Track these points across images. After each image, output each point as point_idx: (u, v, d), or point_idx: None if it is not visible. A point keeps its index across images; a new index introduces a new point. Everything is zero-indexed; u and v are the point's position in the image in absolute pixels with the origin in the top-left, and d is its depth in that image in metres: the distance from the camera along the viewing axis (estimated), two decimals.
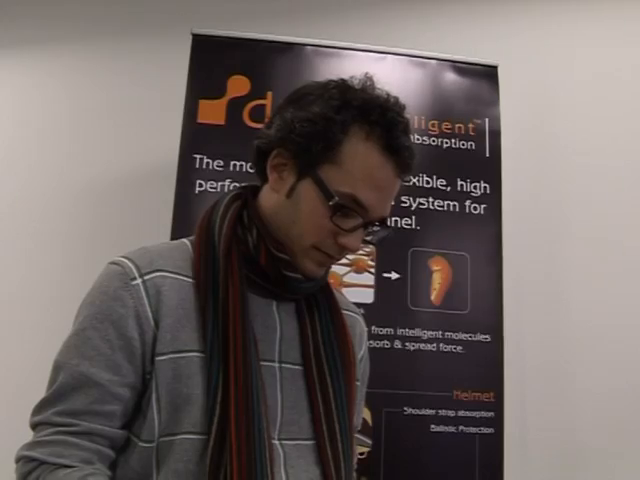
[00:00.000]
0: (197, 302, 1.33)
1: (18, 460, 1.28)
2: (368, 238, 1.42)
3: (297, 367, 1.42)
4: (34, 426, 1.30)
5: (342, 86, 1.38)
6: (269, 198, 1.42)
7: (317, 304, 1.49)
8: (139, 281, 1.32)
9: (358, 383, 1.54)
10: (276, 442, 1.34)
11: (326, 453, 1.37)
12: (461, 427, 2.62)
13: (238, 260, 1.36)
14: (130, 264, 1.34)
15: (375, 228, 1.41)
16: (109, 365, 1.28)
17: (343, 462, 1.39)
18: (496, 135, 2.90)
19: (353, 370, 1.48)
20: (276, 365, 1.39)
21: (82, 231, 3.14)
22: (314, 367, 1.42)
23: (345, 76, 1.40)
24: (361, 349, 1.60)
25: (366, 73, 1.40)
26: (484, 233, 2.80)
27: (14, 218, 3.18)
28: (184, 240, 1.46)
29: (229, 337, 1.29)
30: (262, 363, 1.35)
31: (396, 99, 1.38)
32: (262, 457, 1.25)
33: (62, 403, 1.28)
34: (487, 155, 2.87)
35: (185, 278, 1.36)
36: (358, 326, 1.61)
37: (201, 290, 1.34)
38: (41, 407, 1.30)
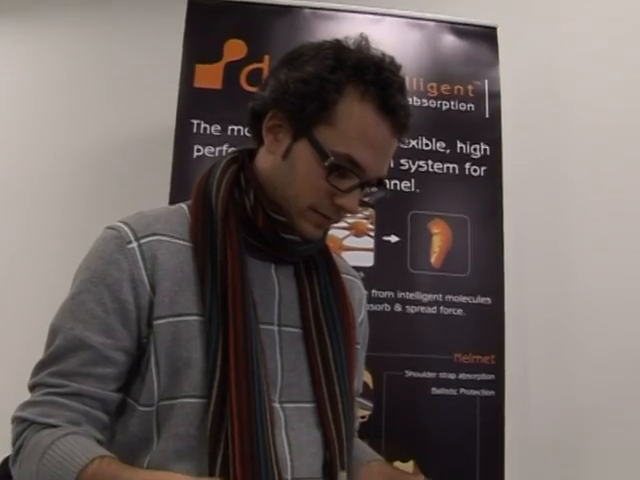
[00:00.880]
0: (195, 265, 1.33)
1: (13, 421, 1.29)
2: (366, 199, 1.41)
3: (296, 330, 1.41)
4: (31, 388, 1.31)
5: (336, 46, 1.36)
6: (265, 160, 1.41)
7: (316, 267, 1.48)
8: (135, 245, 1.31)
9: (358, 346, 1.54)
10: (277, 405, 1.34)
11: (327, 415, 1.37)
12: (462, 390, 2.62)
13: (236, 223, 1.36)
14: (126, 228, 1.33)
15: (372, 189, 1.41)
16: (102, 328, 1.29)
17: (344, 424, 1.39)
18: (496, 96, 2.87)
19: (353, 332, 1.48)
20: (275, 328, 1.39)
21: (81, 197, 3.13)
22: (313, 330, 1.42)
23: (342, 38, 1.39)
24: (361, 313, 1.60)
25: (361, 33, 1.38)
26: (484, 195, 2.79)
27: (13, 186, 3.17)
28: (181, 204, 1.45)
29: (228, 300, 1.29)
30: (261, 326, 1.34)
31: (391, 58, 1.36)
32: (263, 420, 1.26)
33: (56, 365, 1.28)
34: (487, 116, 2.85)
35: (183, 242, 1.35)
36: (357, 290, 1.61)
37: (199, 253, 1.33)
38: (37, 369, 1.31)
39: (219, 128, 2.68)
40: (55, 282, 1.57)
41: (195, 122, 2.68)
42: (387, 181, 1.42)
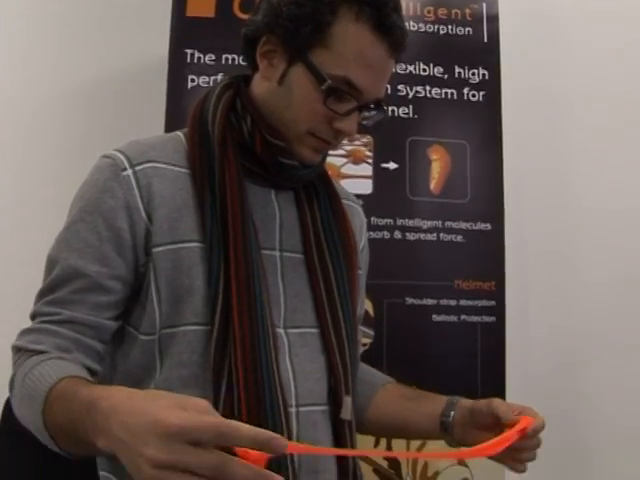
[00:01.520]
0: (194, 192, 1.33)
1: (12, 350, 1.30)
2: (364, 122, 1.39)
3: (298, 255, 1.42)
4: (31, 318, 1.32)
5: None
6: (261, 86, 1.40)
7: (316, 192, 1.48)
8: (130, 172, 1.31)
9: (360, 272, 1.55)
10: (281, 330, 1.34)
11: (331, 341, 1.38)
12: (462, 316, 2.62)
13: (234, 148, 1.35)
14: (121, 156, 1.33)
15: (371, 112, 1.39)
16: (97, 257, 1.28)
17: (348, 349, 1.39)
18: (494, 20, 2.81)
19: (354, 257, 1.48)
20: (277, 254, 1.39)
21: (75, 130, 3.09)
22: (315, 255, 1.42)
23: None
24: (362, 239, 1.61)
25: None
26: (483, 120, 2.74)
27: (8, 121, 3.13)
28: (177, 132, 1.45)
29: (228, 226, 1.29)
30: (263, 252, 1.35)
31: None
32: (266, 346, 1.26)
33: (51, 294, 1.29)
34: (485, 41, 2.79)
35: (180, 169, 1.35)
36: (358, 216, 1.61)
37: (197, 180, 1.33)
38: (36, 299, 1.32)
39: (213, 57, 2.64)
40: (52, 214, 1.55)
41: (189, 52, 2.63)
42: (385, 107, 1.40)
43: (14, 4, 3.23)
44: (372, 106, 1.37)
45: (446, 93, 2.73)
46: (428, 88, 2.71)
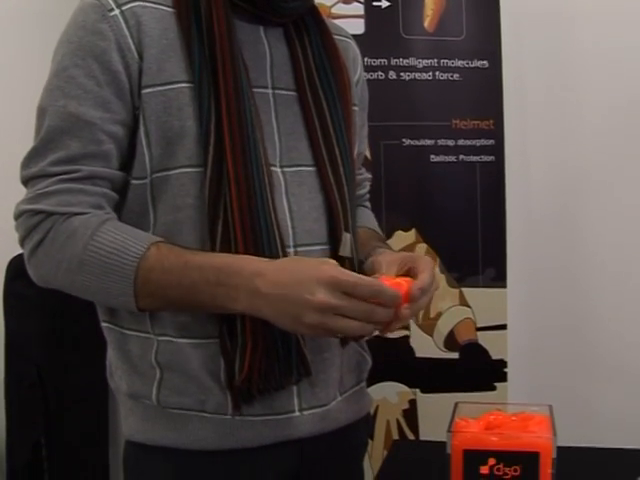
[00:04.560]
0: (180, 31, 1.28)
1: (19, 215, 1.26)
2: None
3: (291, 93, 1.38)
4: (27, 180, 1.27)
5: None
6: None
7: (307, 28, 1.43)
8: (117, 12, 1.25)
9: (356, 108, 1.52)
10: (277, 169, 1.32)
11: (328, 178, 1.36)
12: (461, 156, 2.61)
13: None
14: None
15: None
16: (98, 102, 1.24)
17: (346, 187, 1.38)
18: None
19: (348, 93, 1.45)
20: (269, 91, 1.36)
21: None
22: (308, 91, 1.39)
23: None
24: (356, 73, 1.56)
25: None
26: None
27: None
28: None
29: (217, 64, 1.25)
30: (255, 90, 1.31)
31: None
32: (261, 184, 1.25)
33: (55, 151, 1.24)
34: None
35: (165, 7, 1.29)
36: (351, 50, 1.56)
37: (183, 18, 1.28)
38: (31, 158, 1.27)
39: None
40: (37, 62, 1.51)
41: None
42: None
43: None
44: None
45: None
46: None
